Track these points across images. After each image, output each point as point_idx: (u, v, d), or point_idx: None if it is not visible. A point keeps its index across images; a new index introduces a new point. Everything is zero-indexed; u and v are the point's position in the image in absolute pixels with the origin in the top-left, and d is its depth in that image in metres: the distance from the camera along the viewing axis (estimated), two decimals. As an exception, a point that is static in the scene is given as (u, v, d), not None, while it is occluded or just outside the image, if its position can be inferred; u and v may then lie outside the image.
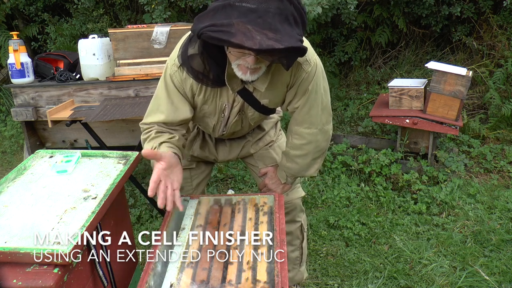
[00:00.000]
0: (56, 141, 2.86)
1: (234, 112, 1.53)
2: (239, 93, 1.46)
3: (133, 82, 2.62)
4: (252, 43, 1.08)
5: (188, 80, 1.42)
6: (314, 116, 1.52)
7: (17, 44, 2.56)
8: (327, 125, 1.57)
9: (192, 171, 1.81)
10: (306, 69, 1.43)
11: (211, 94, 1.47)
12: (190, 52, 1.38)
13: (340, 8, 3.59)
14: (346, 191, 2.93)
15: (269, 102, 1.51)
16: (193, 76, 1.40)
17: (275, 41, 1.10)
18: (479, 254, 2.34)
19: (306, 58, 1.42)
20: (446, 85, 3.02)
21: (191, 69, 1.39)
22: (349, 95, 4.54)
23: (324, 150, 1.64)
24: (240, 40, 1.09)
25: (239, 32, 1.10)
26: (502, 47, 4.09)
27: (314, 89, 1.47)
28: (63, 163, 1.50)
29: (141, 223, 2.73)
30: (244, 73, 1.29)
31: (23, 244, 1.05)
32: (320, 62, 1.49)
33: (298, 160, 1.61)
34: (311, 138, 1.56)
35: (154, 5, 3.82)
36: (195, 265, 1.20)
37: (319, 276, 2.25)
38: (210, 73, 1.39)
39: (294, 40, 1.14)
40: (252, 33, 1.10)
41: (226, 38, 1.10)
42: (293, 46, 1.13)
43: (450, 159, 3.15)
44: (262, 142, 1.81)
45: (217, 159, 1.82)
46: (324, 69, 1.54)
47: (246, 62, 1.25)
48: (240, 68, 1.29)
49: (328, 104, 1.56)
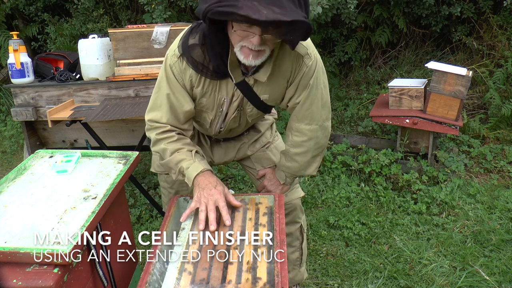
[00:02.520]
0: (56, 141, 2.86)
1: (233, 107, 1.52)
2: (239, 86, 1.45)
3: (133, 82, 2.62)
4: (259, 15, 1.10)
5: (188, 71, 1.42)
6: (315, 112, 1.52)
7: (17, 44, 2.56)
8: (327, 121, 1.58)
9: None
10: (307, 63, 1.43)
11: (209, 87, 1.46)
12: (191, 42, 1.38)
13: (340, 8, 3.60)
14: (346, 191, 2.93)
15: (269, 97, 1.51)
16: (192, 66, 1.39)
17: (281, 14, 1.12)
18: (479, 254, 2.34)
19: (307, 51, 1.42)
20: (446, 85, 3.02)
21: (191, 59, 1.38)
22: (349, 95, 4.54)
23: (324, 147, 1.64)
24: (247, 12, 1.10)
25: (245, 6, 1.11)
26: (502, 47, 4.09)
27: (315, 83, 1.47)
28: (63, 163, 1.50)
29: (141, 223, 2.73)
30: (247, 56, 1.27)
31: (23, 244, 1.05)
32: (319, 57, 1.49)
33: (298, 158, 1.61)
34: (311, 135, 1.56)
35: (154, 5, 3.83)
36: (195, 265, 1.20)
37: (319, 276, 2.25)
38: (210, 64, 1.38)
39: (300, 15, 1.16)
40: (258, 7, 1.11)
41: (233, 10, 1.12)
42: (300, 19, 1.14)
43: (450, 159, 3.15)
44: (258, 144, 1.81)
45: (213, 161, 1.81)
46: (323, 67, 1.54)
47: (250, 43, 1.24)
48: (243, 52, 1.27)
49: (328, 100, 1.56)
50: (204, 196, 1.37)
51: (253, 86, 1.46)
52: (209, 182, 1.40)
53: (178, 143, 1.46)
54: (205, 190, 1.38)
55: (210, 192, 1.37)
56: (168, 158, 1.47)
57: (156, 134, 1.48)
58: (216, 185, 1.40)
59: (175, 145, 1.46)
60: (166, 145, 1.46)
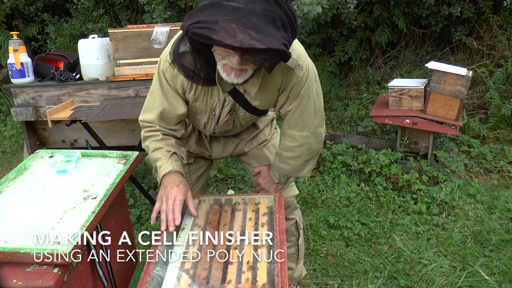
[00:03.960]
0: (56, 141, 2.86)
1: (225, 111, 1.53)
2: (230, 94, 1.46)
3: (133, 82, 2.62)
4: (234, 41, 1.09)
5: (179, 77, 1.43)
6: (307, 120, 1.52)
7: (17, 44, 2.56)
8: (319, 128, 1.57)
9: (190, 166, 1.82)
10: (298, 74, 1.42)
11: (201, 92, 1.47)
12: (181, 49, 1.39)
13: (340, 8, 3.60)
14: (346, 191, 2.93)
15: (260, 104, 1.51)
16: (183, 73, 1.40)
17: (257, 41, 1.10)
18: (479, 254, 2.34)
19: (298, 63, 1.41)
20: (446, 85, 3.02)
21: (182, 66, 1.39)
22: (349, 95, 4.54)
23: (317, 152, 1.64)
24: (222, 37, 1.09)
25: (222, 29, 1.11)
26: (502, 47, 4.09)
27: (306, 93, 1.47)
28: (63, 163, 1.49)
29: (141, 223, 2.73)
30: (229, 74, 1.28)
31: (23, 244, 1.05)
32: (313, 66, 1.49)
33: (291, 162, 1.62)
34: (303, 141, 1.56)
35: (154, 5, 3.83)
36: (195, 265, 1.20)
37: (319, 276, 2.25)
38: (201, 72, 1.39)
39: (277, 42, 1.13)
40: (235, 31, 1.10)
41: (208, 34, 1.11)
42: (275, 48, 1.12)
43: (450, 159, 3.15)
44: (256, 141, 1.81)
45: (211, 155, 1.83)
46: (322, 70, 1.54)
47: (230, 62, 1.24)
48: (225, 69, 1.28)
49: (321, 108, 1.56)
50: (164, 194, 1.39)
51: (244, 94, 1.47)
52: (172, 181, 1.41)
53: (160, 142, 1.49)
54: (167, 189, 1.40)
55: (171, 191, 1.39)
56: (149, 155, 1.50)
57: (144, 132, 1.53)
58: (178, 184, 1.41)
59: (157, 144, 1.49)
60: (149, 142, 1.50)
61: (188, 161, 1.81)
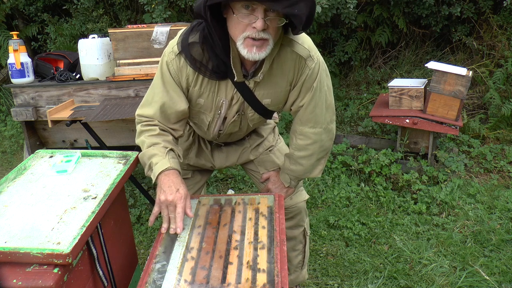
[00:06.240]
0: (56, 141, 2.86)
1: (233, 110, 1.50)
2: (238, 88, 1.42)
3: (133, 82, 2.62)
4: None
5: (185, 69, 1.40)
6: (319, 115, 1.51)
7: (17, 44, 2.56)
8: (331, 123, 1.57)
9: (187, 181, 1.78)
10: (309, 65, 1.42)
11: (207, 87, 1.43)
12: (191, 40, 1.36)
13: (339, 8, 3.60)
14: (346, 191, 2.93)
15: (271, 102, 1.49)
16: (191, 64, 1.37)
17: None
18: (479, 254, 2.34)
19: (310, 53, 1.41)
20: (446, 85, 3.02)
21: (190, 56, 1.36)
22: (349, 95, 4.54)
23: (328, 150, 1.63)
24: None
25: None
26: (502, 47, 4.09)
27: (318, 86, 1.46)
28: (63, 163, 1.49)
29: (141, 223, 2.73)
30: (250, 49, 1.24)
31: (23, 244, 1.05)
32: (322, 59, 1.48)
33: (303, 161, 1.60)
34: (316, 138, 1.54)
35: (154, 5, 3.83)
36: (195, 265, 1.20)
37: (319, 276, 2.25)
38: (209, 63, 1.36)
39: None
40: None
41: None
42: None
43: (450, 159, 3.15)
44: (262, 148, 1.79)
45: (214, 166, 1.79)
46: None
47: (253, 31, 1.21)
48: (246, 44, 1.24)
49: (332, 103, 1.55)
50: (164, 202, 1.34)
51: (254, 90, 1.44)
52: (172, 183, 1.35)
53: (157, 138, 1.43)
54: (167, 194, 1.33)
55: (170, 198, 1.33)
56: (143, 151, 1.44)
57: (140, 126, 1.48)
58: (178, 188, 1.35)
59: (153, 139, 1.43)
60: (145, 137, 1.44)
61: (185, 175, 1.76)
